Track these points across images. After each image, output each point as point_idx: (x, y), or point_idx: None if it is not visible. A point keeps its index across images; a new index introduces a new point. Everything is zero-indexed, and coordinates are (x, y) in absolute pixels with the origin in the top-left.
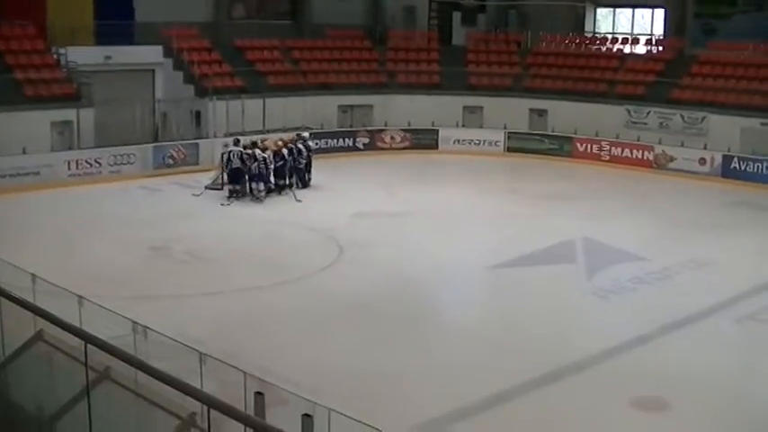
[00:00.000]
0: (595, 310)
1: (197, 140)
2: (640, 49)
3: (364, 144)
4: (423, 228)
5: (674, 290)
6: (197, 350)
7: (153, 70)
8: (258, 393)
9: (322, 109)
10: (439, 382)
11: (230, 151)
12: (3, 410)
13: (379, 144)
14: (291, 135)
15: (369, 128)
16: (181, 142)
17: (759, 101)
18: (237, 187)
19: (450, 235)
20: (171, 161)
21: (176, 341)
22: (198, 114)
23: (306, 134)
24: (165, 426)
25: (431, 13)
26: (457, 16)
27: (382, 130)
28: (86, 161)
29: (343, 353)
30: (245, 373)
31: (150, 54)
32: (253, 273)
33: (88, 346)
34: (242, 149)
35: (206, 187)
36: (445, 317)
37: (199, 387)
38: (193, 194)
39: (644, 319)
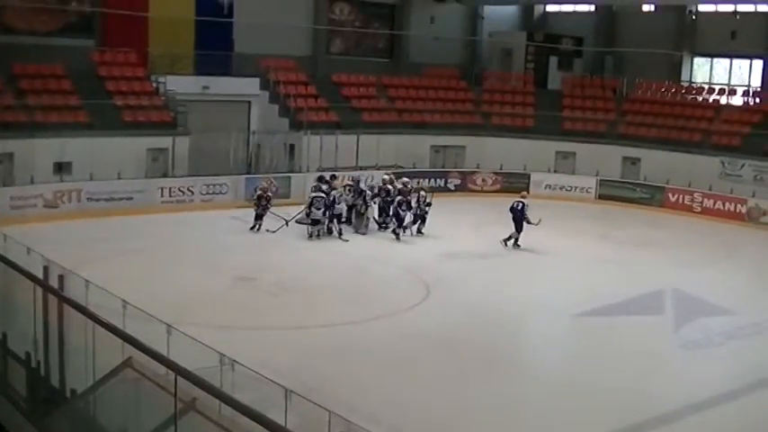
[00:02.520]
0: (682, 363)
1: (289, 174)
2: (737, 100)
3: (455, 185)
4: (510, 270)
5: (763, 346)
6: (282, 386)
7: (249, 102)
8: None
9: (415, 148)
10: (518, 425)
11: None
12: None
13: (471, 186)
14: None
15: (461, 169)
16: (273, 175)
17: None
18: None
19: (538, 279)
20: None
21: (261, 375)
22: (292, 148)
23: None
24: None
25: (527, 56)
26: (553, 60)
27: (474, 172)
28: (179, 189)
29: (426, 391)
30: (329, 411)
31: (247, 86)
32: (339, 307)
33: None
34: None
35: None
36: (529, 361)
37: (283, 423)
38: (268, 230)
39: (731, 376)
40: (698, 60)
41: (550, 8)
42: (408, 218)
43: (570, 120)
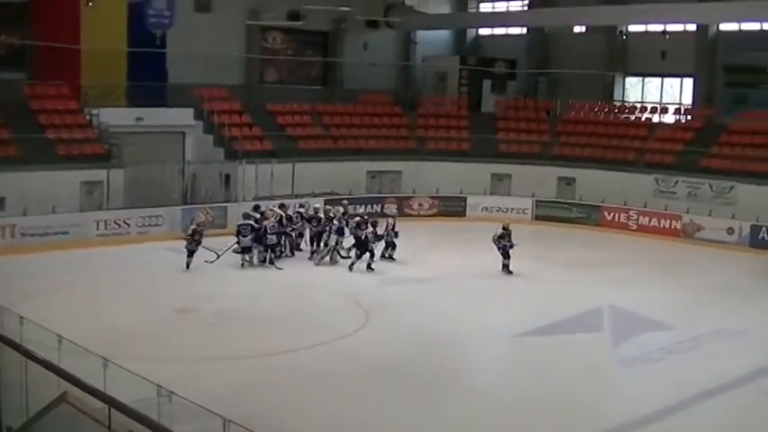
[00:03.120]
0: (622, 379)
1: (225, 204)
2: (669, 118)
3: (395, 211)
4: (450, 294)
5: (702, 360)
6: (220, 415)
7: (183, 132)
8: None
9: (351, 174)
10: None
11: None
12: None
13: (407, 210)
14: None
15: (397, 194)
16: (209, 205)
17: None
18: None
19: (477, 301)
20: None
21: (200, 406)
22: (227, 177)
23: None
24: None
25: (461, 80)
26: (487, 83)
27: (411, 197)
28: (115, 222)
29: (369, 418)
30: None
31: (181, 116)
32: (279, 336)
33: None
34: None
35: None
36: (470, 384)
37: None
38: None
39: (671, 390)
40: (630, 80)
41: (483, 32)
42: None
43: (505, 142)
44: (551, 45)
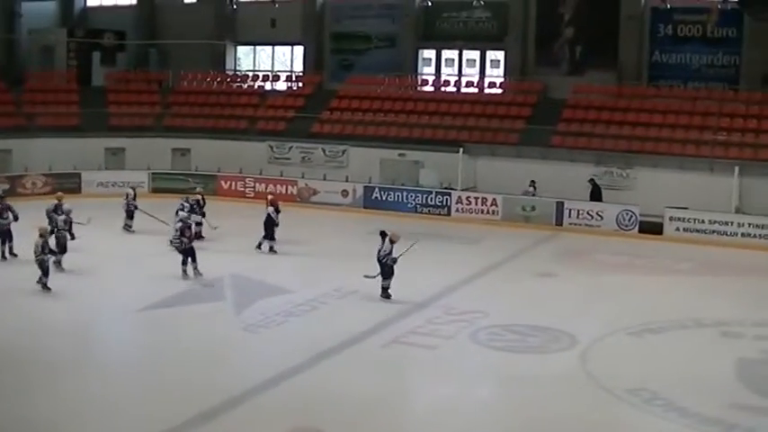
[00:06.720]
0: (246, 345)
1: None
2: (281, 85)
3: (4, 191)
4: (69, 275)
5: (321, 320)
6: None
7: None
8: None
9: None
10: (94, 429)
11: None
12: None
13: (21, 190)
14: None
15: (8, 174)
16: None
17: (395, 132)
18: None
19: (96, 281)
20: None
21: None
22: None
23: None
24: None
25: (69, 53)
26: (96, 56)
27: (23, 176)
28: None
29: None
30: None
31: None
32: None
33: None
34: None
35: None
36: (96, 364)
37: None
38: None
39: (295, 351)
40: (242, 49)
41: (91, 3)
42: None
43: (117, 115)
44: (161, 15)
